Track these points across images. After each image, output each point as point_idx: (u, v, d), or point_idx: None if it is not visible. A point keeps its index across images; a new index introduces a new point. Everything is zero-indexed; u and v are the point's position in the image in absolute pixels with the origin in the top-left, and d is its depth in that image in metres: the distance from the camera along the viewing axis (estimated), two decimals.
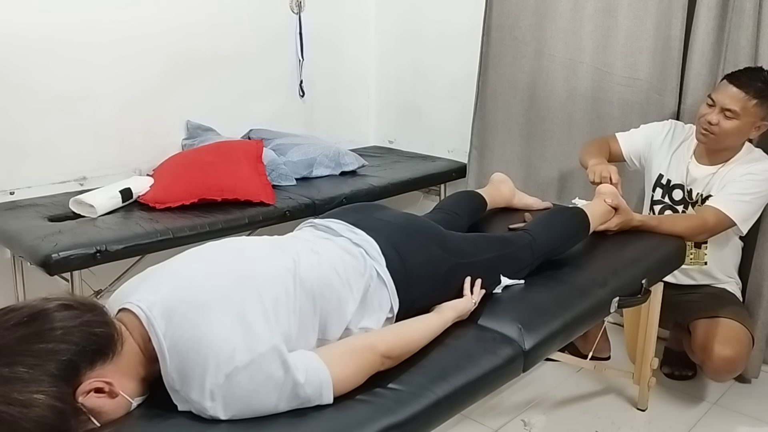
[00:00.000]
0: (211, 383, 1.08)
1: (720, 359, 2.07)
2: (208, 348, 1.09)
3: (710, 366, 2.11)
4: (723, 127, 2.06)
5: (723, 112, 2.05)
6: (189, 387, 1.10)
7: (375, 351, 1.24)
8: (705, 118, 2.09)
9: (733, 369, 2.12)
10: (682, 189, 2.25)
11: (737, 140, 2.12)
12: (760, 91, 2.02)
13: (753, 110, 2.03)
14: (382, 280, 1.41)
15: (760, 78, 2.05)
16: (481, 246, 1.70)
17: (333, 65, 3.45)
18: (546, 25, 2.74)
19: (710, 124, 2.07)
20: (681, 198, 2.26)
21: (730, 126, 2.05)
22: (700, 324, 2.17)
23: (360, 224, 1.52)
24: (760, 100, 2.02)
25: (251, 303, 1.16)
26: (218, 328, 1.11)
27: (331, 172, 2.93)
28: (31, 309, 1.06)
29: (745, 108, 2.02)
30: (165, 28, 2.77)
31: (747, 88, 2.02)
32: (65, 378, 1.02)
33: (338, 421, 1.14)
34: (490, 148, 3.01)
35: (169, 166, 2.62)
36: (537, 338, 1.52)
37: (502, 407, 2.26)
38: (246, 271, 1.24)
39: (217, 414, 1.09)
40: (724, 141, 2.11)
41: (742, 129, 2.07)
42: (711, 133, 2.09)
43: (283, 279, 1.25)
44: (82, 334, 1.05)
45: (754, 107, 2.03)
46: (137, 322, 1.14)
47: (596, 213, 2.00)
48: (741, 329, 2.13)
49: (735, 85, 2.04)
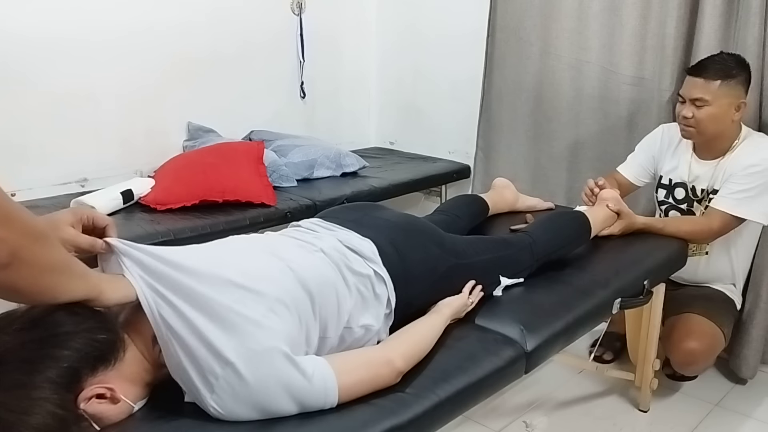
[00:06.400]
0: (212, 373, 1.08)
1: (682, 352, 2.12)
2: (210, 341, 1.09)
3: (673, 359, 2.18)
4: (699, 117, 2.06)
5: (694, 104, 2.07)
6: (191, 378, 1.10)
7: (392, 366, 1.24)
8: (680, 114, 2.12)
9: (693, 361, 2.15)
10: (685, 187, 2.25)
11: (720, 126, 2.09)
12: (720, 71, 2.03)
13: (721, 92, 2.03)
14: (381, 277, 1.41)
15: (718, 60, 2.06)
16: (480, 247, 1.70)
17: (334, 66, 3.45)
18: (551, 25, 2.74)
19: (686, 119, 2.09)
20: (684, 196, 2.26)
21: (705, 115, 2.05)
22: (670, 319, 2.21)
23: (359, 222, 1.53)
24: (723, 80, 2.02)
25: (253, 300, 1.16)
26: (221, 322, 1.11)
27: (332, 174, 2.93)
28: (34, 315, 1.05)
29: (711, 92, 2.03)
30: (166, 29, 2.77)
31: (706, 73, 2.04)
32: (67, 384, 1.02)
33: (340, 423, 1.14)
34: (496, 150, 3.01)
35: (170, 167, 2.62)
36: (539, 339, 1.52)
37: (504, 408, 2.26)
38: (247, 268, 1.24)
39: (217, 407, 1.09)
40: (707, 130, 2.10)
41: (719, 114, 2.05)
42: (690, 126, 2.10)
43: (282, 277, 1.25)
44: (84, 341, 1.05)
45: (721, 88, 2.03)
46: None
47: (598, 218, 2.00)
48: (709, 324, 2.15)
49: (695, 75, 2.06)
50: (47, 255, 0.94)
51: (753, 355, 2.33)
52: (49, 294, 1.00)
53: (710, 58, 2.09)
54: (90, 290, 1.06)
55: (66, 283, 1.01)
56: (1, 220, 0.83)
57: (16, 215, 0.87)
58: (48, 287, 0.98)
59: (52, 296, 1.01)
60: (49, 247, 0.95)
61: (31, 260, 0.90)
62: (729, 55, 2.10)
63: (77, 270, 1.04)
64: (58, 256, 0.98)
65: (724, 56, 2.09)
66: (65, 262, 1.01)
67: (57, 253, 0.98)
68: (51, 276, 0.97)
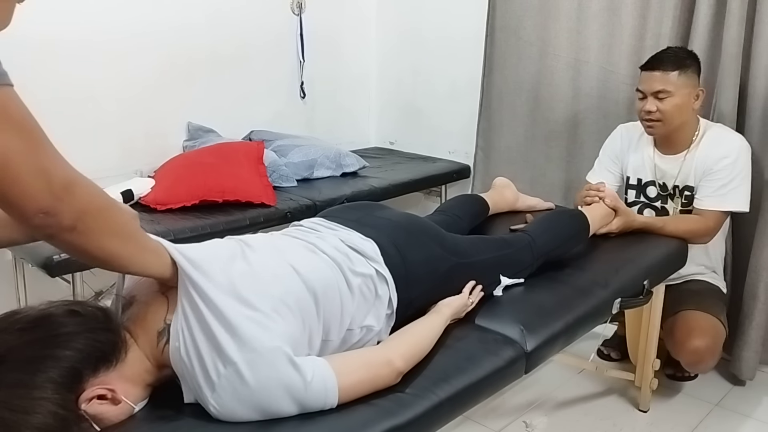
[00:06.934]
0: (215, 371, 1.08)
1: (689, 352, 2.12)
2: (216, 339, 1.09)
3: (682, 359, 2.18)
4: (663, 109, 2.09)
5: (656, 97, 2.09)
6: (195, 374, 1.10)
7: (392, 366, 1.24)
8: (643, 110, 2.13)
9: (701, 359, 2.15)
10: (655, 185, 2.27)
11: (683, 116, 2.13)
12: (675, 62, 2.08)
13: (680, 81, 2.07)
14: (383, 277, 1.41)
15: (670, 53, 2.12)
16: (480, 246, 1.70)
17: (334, 66, 3.45)
18: (550, 25, 2.74)
19: (650, 113, 2.11)
20: (656, 194, 2.28)
21: (669, 106, 2.08)
22: (668, 320, 2.21)
23: (361, 222, 1.53)
24: (680, 69, 2.07)
25: (258, 300, 1.16)
26: (226, 322, 1.11)
27: (332, 174, 2.93)
28: (36, 314, 1.06)
29: (672, 83, 2.07)
30: (166, 29, 2.77)
31: (663, 65, 2.08)
32: (68, 385, 1.02)
33: (340, 423, 1.14)
34: (495, 149, 3.01)
35: (170, 167, 2.62)
36: (539, 340, 1.52)
37: (504, 409, 2.26)
38: (254, 268, 1.24)
39: (217, 406, 1.09)
40: (672, 121, 2.12)
41: (682, 104, 2.09)
42: (655, 120, 2.12)
43: (287, 278, 1.25)
44: (85, 341, 1.05)
45: (680, 77, 2.07)
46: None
47: (596, 215, 2.00)
48: (706, 318, 2.16)
49: (651, 69, 2.10)
50: (111, 222, 1.00)
51: (752, 356, 2.33)
52: (117, 260, 1.04)
53: (662, 52, 2.14)
54: (166, 269, 1.12)
55: (136, 253, 1.06)
56: (66, 187, 0.91)
57: (82, 184, 0.94)
58: (114, 253, 1.02)
59: (120, 263, 1.06)
60: (113, 216, 1.01)
61: (95, 226, 0.96)
62: (678, 48, 2.17)
63: (149, 245, 1.10)
64: (123, 225, 1.04)
65: (675, 49, 2.16)
66: (131, 233, 1.06)
67: (122, 223, 1.04)
68: (115, 242, 1.02)
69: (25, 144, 0.88)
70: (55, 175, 0.90)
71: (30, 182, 0.87)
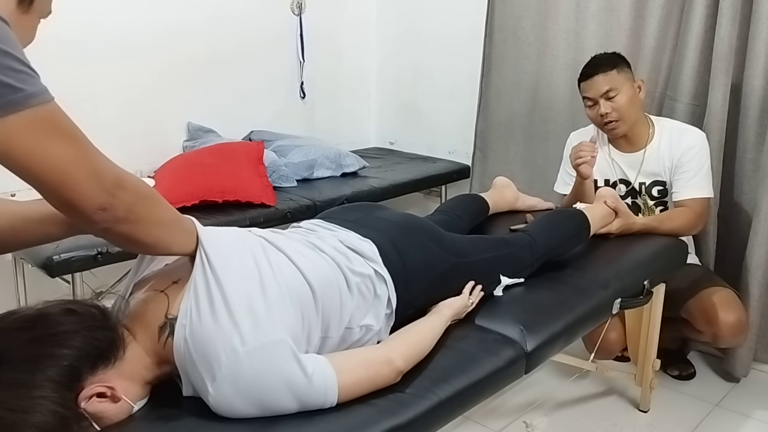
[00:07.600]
0: (217, 360, 1.08)
1: (729, 324, 2.15)
2: (217, 333, 1.10)
3: (720, 334, 2.18)
4: (617, 107, 2.16)
5: (606, 98, 2.16)
6: (196, 369, 1.10)
7: (392, 366, 1.24)
8: (598, 114, 2.18)
9: (741, 330, 2.19)
10: (624, 182, 2.31)
11: (636, 107, 2.20)
12: (609, 62, 2.18)
13: (621, 77, 2.17)
14: (381, 277, 1.41)
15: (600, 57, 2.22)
16: (480, 246, 1.70)
17: (334, 66, 3.46)
18: (549, 25, 2.74)
19: (607, 115, 2.16)
20: (625, 192, 2.31)
21: (622, 101, 2.15)
22: (694, 302, 2.22)
23: (360, 222, 1.52)
24: (616, 67, 2.17)
25: (258, 296, 1.16)
26: (230, 312, 1.11)
27: (332, 174, 2.94)
28: (34, 314, 1.06)
29: (615, 80, 2.16)
30: (166, 29, 2.77)
31: (600, 68, 2.17)
32: (67, 383, 1.02)
33: (340, 423, 1.14)
34: (493, 150, 3.01)
35: (170, 167, 2.62)
36: (539, 340, 1.52)
37: (504, 409, 2.26)
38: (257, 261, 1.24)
39: (217, 396, 1.09)
40: (630, 115, 2.18)
41: (630, 97, 2.17)
42: (614, 120, 2.18)
43: (288, 272, 1.25)
44: (83, 339, 1.05)
45: (619, 74, 2.17)
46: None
47: (596, 215, 2.00)
48: (732, 294, 2.23)
49: (592, 76, 2.18)
50: (157, 211, 1.10)
51: (746, 354, 2.34)
52: (162, 245, 1.14)
53: (593, 59, 2.24)
54: (194, 246, 1.19)
55: (178, 236, 1.16)
56: (117, 183, 0.99)
57: (128, 178, 1.03)
58: (160, 239, 1.12)
59: (164, 247, 1.15)
60: (157, 205, 1.10)
61: (143, 215, 1.05)
62: (603, 53, 2.26)
63: (185, 226, 1.19)
64: (166, 212, 1.13)
65: (602, 54, 2.25)
66: (173, 218, 1.16)
67: (165, 210, 1.13)
68: (162, 229, 1.11)
69: (77, 151, 0.96)
70: (105, 175, 0.98)
71: (86, 184, 0.95)
